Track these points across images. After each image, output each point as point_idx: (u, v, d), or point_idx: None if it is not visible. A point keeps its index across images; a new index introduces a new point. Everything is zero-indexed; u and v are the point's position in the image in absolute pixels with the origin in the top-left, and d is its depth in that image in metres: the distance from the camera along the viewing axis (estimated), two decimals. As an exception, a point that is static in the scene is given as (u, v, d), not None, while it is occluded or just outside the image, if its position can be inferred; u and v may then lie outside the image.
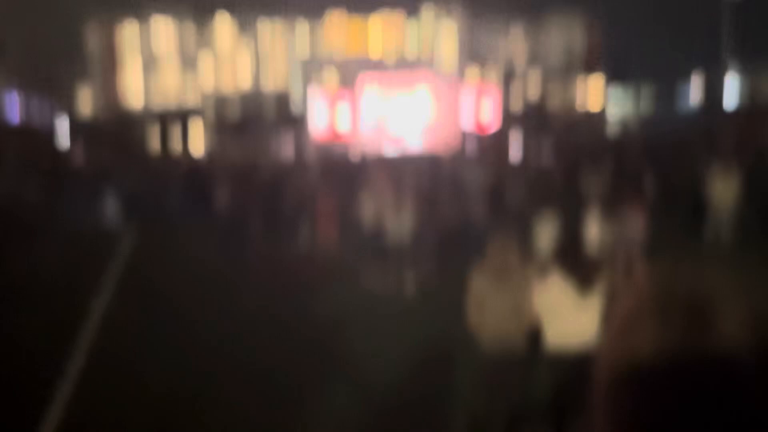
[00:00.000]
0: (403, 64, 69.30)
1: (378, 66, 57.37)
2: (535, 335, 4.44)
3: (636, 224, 8.82)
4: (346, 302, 9.19)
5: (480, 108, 53.66)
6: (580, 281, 4.17)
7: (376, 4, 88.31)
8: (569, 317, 4.17)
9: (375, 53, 74.56)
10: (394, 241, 9.71)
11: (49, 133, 37.81)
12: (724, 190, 11.12)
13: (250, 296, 9.63)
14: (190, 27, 51.95)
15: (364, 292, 9.67)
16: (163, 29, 52.08)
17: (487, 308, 4.41)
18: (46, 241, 11.94)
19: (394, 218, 9.70)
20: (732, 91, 69.94)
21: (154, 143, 46.74)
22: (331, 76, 55.77)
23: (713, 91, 73.80)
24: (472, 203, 14.66)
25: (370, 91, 51.45)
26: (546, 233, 7.86)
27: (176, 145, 56.62)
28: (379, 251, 9.85)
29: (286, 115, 57.89)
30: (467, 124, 46.83)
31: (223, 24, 59.24)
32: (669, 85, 76.22)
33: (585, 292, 4.18)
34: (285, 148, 40.65)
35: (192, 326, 8.16)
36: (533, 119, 43.81)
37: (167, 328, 8.08)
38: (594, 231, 8.38)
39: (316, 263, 11.48)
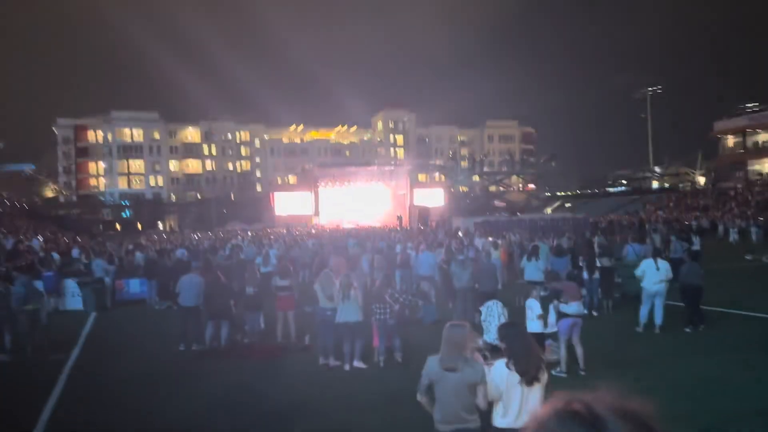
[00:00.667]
0: (358, 162, 71.65)
1: (336, 164, 59.23)
2: (484, 415, 4.41)
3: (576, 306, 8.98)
4: (306, 381, 8.94)
5: (429, 195, 55.45)
6: (524, 369, 4.18)
7: (338, 119, 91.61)
8: (516, 401, 4.17)
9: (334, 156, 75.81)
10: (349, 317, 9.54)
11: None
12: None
13: (210, 378, 9.29)
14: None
15: (322, 370, 9.45)
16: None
17: (440, 389, 4.37)
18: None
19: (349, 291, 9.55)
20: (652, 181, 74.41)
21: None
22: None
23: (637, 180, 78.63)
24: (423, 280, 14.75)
25: (328, 184, 53.15)
26: (495, 316, 7.88)
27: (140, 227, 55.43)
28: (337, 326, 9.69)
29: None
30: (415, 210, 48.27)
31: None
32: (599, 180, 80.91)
33: (529, 380, 4.19)
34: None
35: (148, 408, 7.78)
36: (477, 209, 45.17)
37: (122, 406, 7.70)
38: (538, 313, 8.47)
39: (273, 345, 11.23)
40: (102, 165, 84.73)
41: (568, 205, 72.82)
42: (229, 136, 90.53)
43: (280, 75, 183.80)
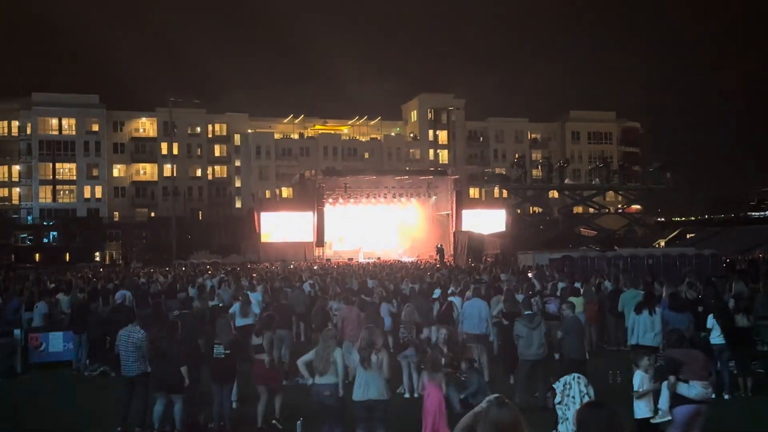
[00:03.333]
0: (382, 168, 72.13)
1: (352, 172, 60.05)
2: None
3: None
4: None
5: (484, 218, 55.49)
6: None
7: (354, 107, 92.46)
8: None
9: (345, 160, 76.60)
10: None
11: None
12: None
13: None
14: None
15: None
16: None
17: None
18: None
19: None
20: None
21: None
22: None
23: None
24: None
25: (338, 200, 53.56)
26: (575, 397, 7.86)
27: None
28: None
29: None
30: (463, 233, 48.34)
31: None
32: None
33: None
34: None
35: None
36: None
37: None
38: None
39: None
40: (17, 168, 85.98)
41: (690, 235, 71.88)
42: (198, 129, 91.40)
43: (270, 45, 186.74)
